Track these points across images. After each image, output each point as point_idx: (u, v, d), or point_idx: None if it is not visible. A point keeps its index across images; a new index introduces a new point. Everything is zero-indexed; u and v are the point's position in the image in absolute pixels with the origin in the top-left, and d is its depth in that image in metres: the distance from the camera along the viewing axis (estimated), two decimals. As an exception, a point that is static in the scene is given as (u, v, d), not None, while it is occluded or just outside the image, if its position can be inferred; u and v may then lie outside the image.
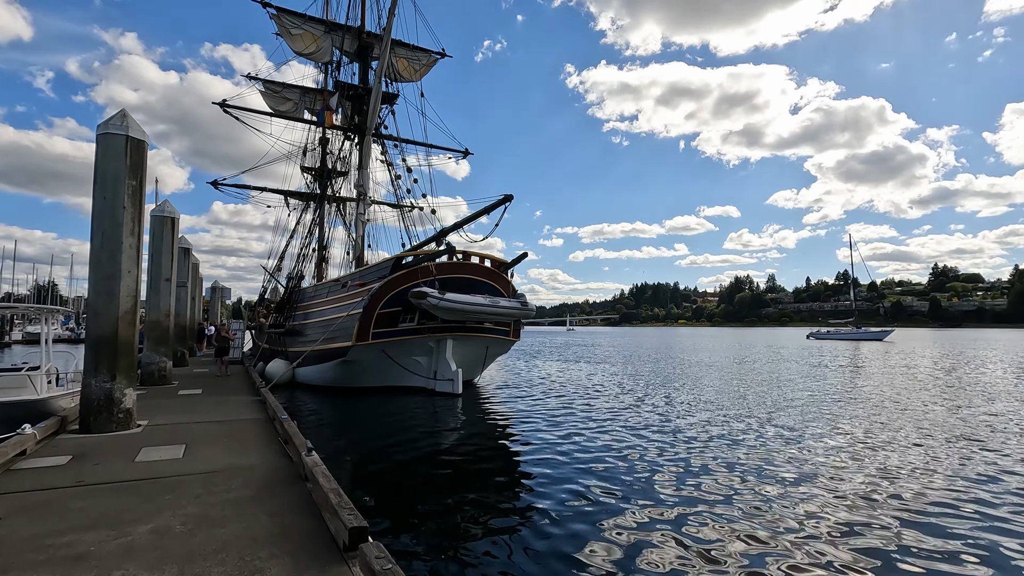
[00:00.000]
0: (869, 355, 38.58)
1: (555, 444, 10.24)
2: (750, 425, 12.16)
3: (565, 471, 8.34)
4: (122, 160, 8.63)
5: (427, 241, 16.57)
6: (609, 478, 7.97)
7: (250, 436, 8.14)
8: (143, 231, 9.02)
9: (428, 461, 9.24)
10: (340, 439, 11.63)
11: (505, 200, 14.18)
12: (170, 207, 15.29)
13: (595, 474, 8.18)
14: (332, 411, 15.05)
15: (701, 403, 15.26)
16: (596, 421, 12.67)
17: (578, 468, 8.51)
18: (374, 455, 9.84)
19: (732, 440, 10.71)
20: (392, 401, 15.85)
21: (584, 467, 8.58)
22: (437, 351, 16.33)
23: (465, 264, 15.83)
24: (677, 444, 10.30)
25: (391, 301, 15.05)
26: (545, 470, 8.43)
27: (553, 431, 11.47)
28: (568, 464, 8.77)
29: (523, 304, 15.45)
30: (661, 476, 8.10)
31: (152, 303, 14.95)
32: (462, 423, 13.08)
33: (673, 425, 12.21)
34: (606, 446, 10.06)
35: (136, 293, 8.81)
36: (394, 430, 12.08)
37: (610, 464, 8.76)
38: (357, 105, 24.63)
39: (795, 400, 15.88)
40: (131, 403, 8.60)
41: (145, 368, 14.69)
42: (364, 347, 15.26)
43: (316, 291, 19.62)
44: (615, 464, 8.76)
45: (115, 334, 8.45)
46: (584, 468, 8.51)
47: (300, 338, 19.26)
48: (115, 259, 8.51)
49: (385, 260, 15.88)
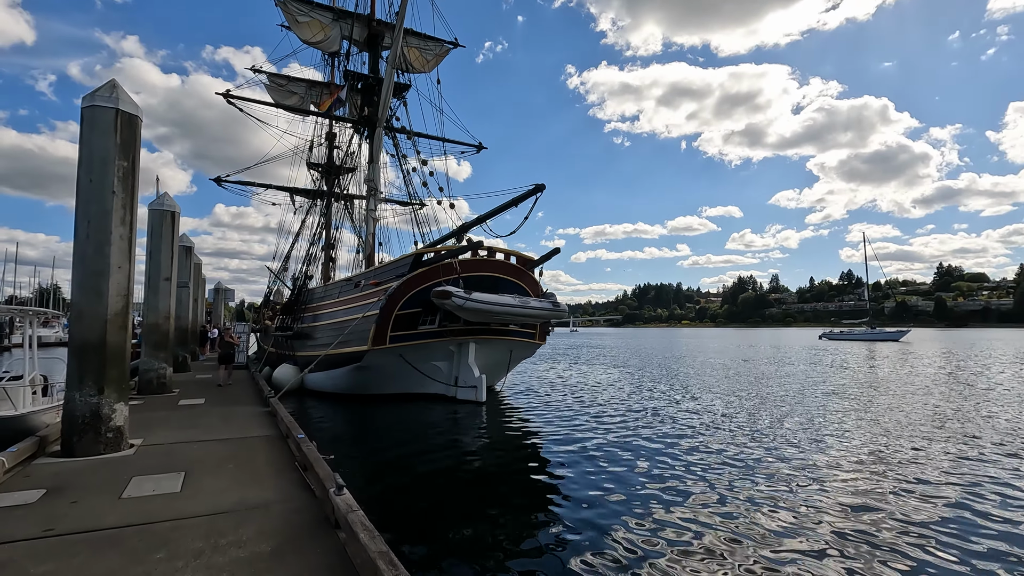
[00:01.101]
0: (892, 357, 37.20)
1: (588, 457, 9.39)
2: (792, 435, 11.07)
3: (600, 487, 7.66)
4: (111, 137, 7.41)
5: (447, 237, 15.34)
6: (645, 494, 7.31)
7: (261, 459, 6.90)
8: (136, 220, 7.80)
9: (451, 475, 8.53)
10: (355, 450, 10.60)
11: (536, 190, 12.93)
12: (170, 200, 14.09)
13: (630, 490, 7.55)
14: (345, 421, 13.84)
15: (732, 409, 14.00)
16: (626, 430, 11.66)
17: (612, 484, 7.83)
18: (392, 468, 8.98)
19: (772, 451, 9.78)
20: (410, 409, 14.63)
21: (618, 482, 7.93)
22: (458, 355, 15.10)
23: (490, 261, 14.58)
24: (713, 457, 9.45)
25: (410, 301, 13.81)
26: (579, 487, 7.72)
27: (583, 442, 10.59)
28: (602, 479, 8.04)
29: (554, 304, 14.19)
30: (698, 492, 7.36)
31: (150, 304, 13.75)
32: (486, 433, 11.96)
33: (706, 436, 11.19)
34: (640, 459, 9.24)
35: (128, 292, 7.59)
36: (413, 441, 11.06)
37: (644, 479, 8.05)
38: (367, 96, 23.43)
39: (836, 410, 14.60)
40: (122, 420, 7.38)
41: (143, 376, 13.49)
42: (381, 351, 14.03)
43: (326, 292, 18.40)
44: (650, 479, 8.06)
45: (103, 340, 7.22)
46: (618, 483, 7.88)
47: (309, 341, 18.05)
48: (103, 252, 7.28)
49: (403, 257, 14.65)
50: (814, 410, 14.24)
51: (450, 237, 15.28)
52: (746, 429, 11.72)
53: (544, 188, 12.88)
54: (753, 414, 13.65)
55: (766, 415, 13.49)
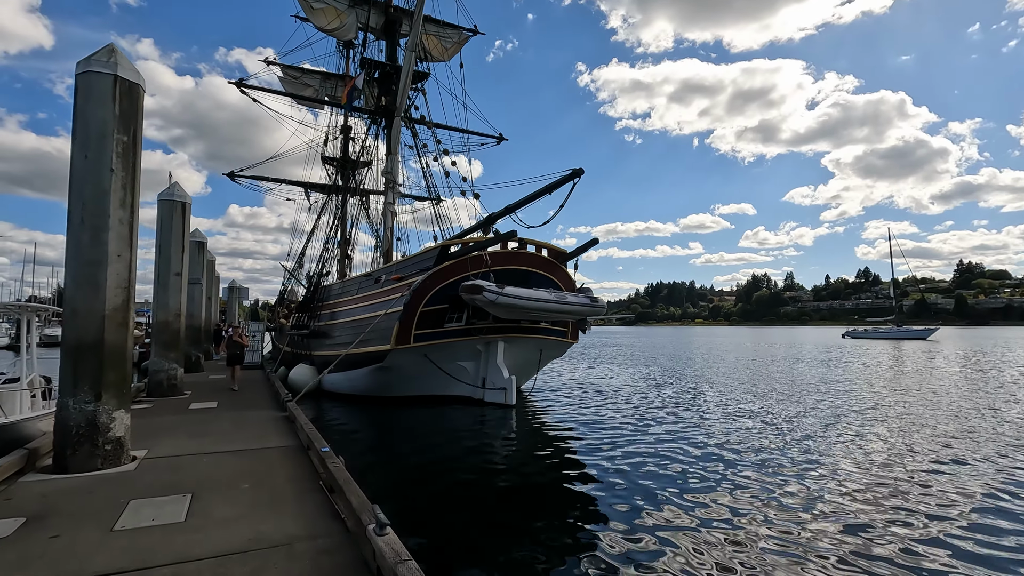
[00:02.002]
0: (930, 357, 35.62)
1: (628, 469, 8.56)
2: (853, 449, 9.91)
3: (643, 504, 6.97)
4: (109, 107, 6.50)
5: (473, 228, 14.35)
6: (693, 514, 6.57)
7: (280, 476, 5.96)
8: (138, 203, 6.89)
9: (481, 487, 7.90)
10: (376, 456, 9.82)
11: (574, 175, 11.87)
12: (180, 190, 13.24)
13: (672, 503, 6.94)
14: (365, 424, 12.94)
15: (775, 417, 12.85)
16: (666, 439, 10.70)
17: (655, 500, 7.10)
18: (416, 477, 8.34)
19: (827, 464, 8.77)
20: (434, 413, 13.69)
21: (659, 494, 7.30)
22: (486, 355, 14.11)
23: (520, 254, 13.56)
24: (753, 466, 8.63)
25: (436, 297, 12.85)
26: (617, 500, 7.11)
27: (621, 452, 9.76)
28: (642, 495, 7.31)
29: (592, 300, 13.13)
30: (750, 518, 6.48)
31: (160, 301, 12.92)
32: (517, 440, 11.04)
33: (746, 441, 10.31)
34: (682, 473, 8.39)
35: (129, 284, 6.68)
36: (438, 447, 10.28)
37: (688, 495, 7.27)
38: (384, 86, 22.53)
39: (887, 414, 13.41)
40: (122, 430, 6.48)
41: (152, 377, 12.68)
42: (404, 351, 13.08)
43: (344, 288, 17.50)
44: (693, 495, 7.30)
45: (100, 339, 6.32)
46: (659, 496, 7.24)
47: (326, 340, 17.17)
48: (100, 239, 6.38)
49: (428, 249, 13.69)
50: (873, 420, 13.06)
51: (476, 229, 14.29)
52: (794, 439, 10.60)
53: (583, 173, 11.83)
54: (799, 422, 12.51)
55: (814, 422, 12.35)
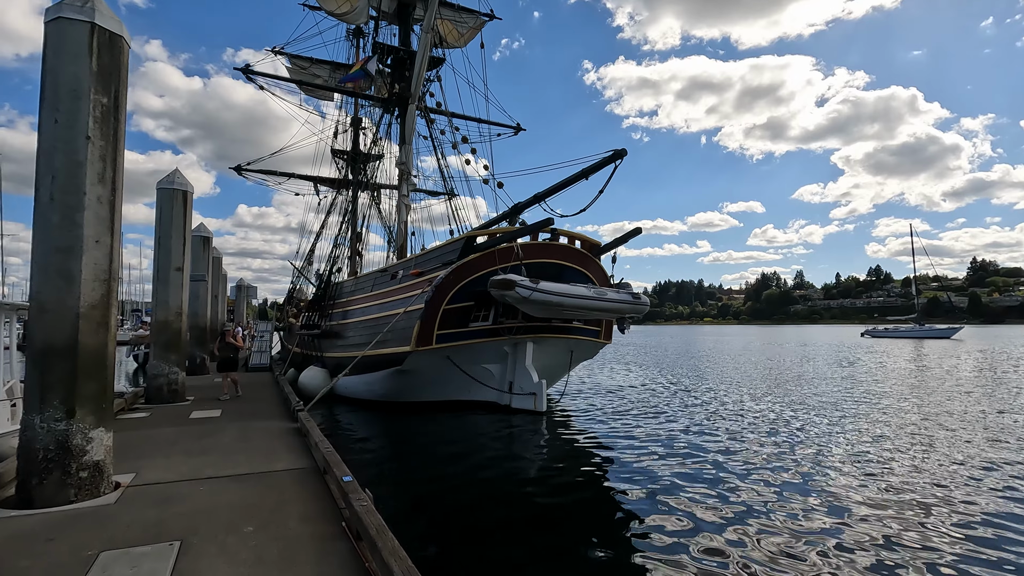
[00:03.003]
0: (964, 358, 34.06)
1: (675, 485, 7.72)
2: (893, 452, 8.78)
3: (691, 520, 6.37)
4: (84, 61, 5.36)
5: (497, 219, 13.15)
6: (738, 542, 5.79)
7: (293, 515, 4.79)
8: (122, 179, 5.75)
9: (512, 505, 7.12)
10: (393, 468, 8.96)
11: (615, 157, 10.64)
12: (181, 178, 12.15)
13: (725, 522, 6.30)
14: (381, 433, 11.84)
15: (822, 429, 11.58)
16: (709, 448, 9.76)
17: (711, 525, 6.27)
18: (439, 494, 7.51)
19: (894, 488, 7.58)
20: (457, 420, 12.55)
21: (711, 514, 6.58)
22: (513, 357, 12.92)
23: (552, 246, 12.36)
24: (810, 489, 7.56)
25: (460, 294, 11.67)
26: (668, 521, 6.37)
27: (664, 460, 8.98)
28: (695, 516, 6.53)
29: (634, 296, 11.90)
30: (800, 537, 5.89)
31: (160, 299, 11.84)
32: (549, 452, 9.97)
33: (797, 457, 9.21)
34: (731, 486, 7.64)
35: (110, 276, 5.54)
36: (462, 459, 9.35)
37: (741, 516, 6.50)
38: (398, 72, 21.40)
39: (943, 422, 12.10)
40: (102, 452, 5.34)
41: (151, 382, 11.61)
42: (426, 353, 11.91)
43: (357, 285, 16.37)
44: (745, 514, 6.54)
45: (74, 342, 5.19)
46: (711, 515, 6.53)
47: (338, 341, 16.06)
48: (73, 221, 5.25)
49: (451, 241, 12.50)
50: (929, 431, 11.76)
51: (501, 220, 13.10)
52: (855, 456, 9.36)
53: (625, 154, 10.59)
54: (847, 432, 11.25)
55: (861, 432, 11.07)
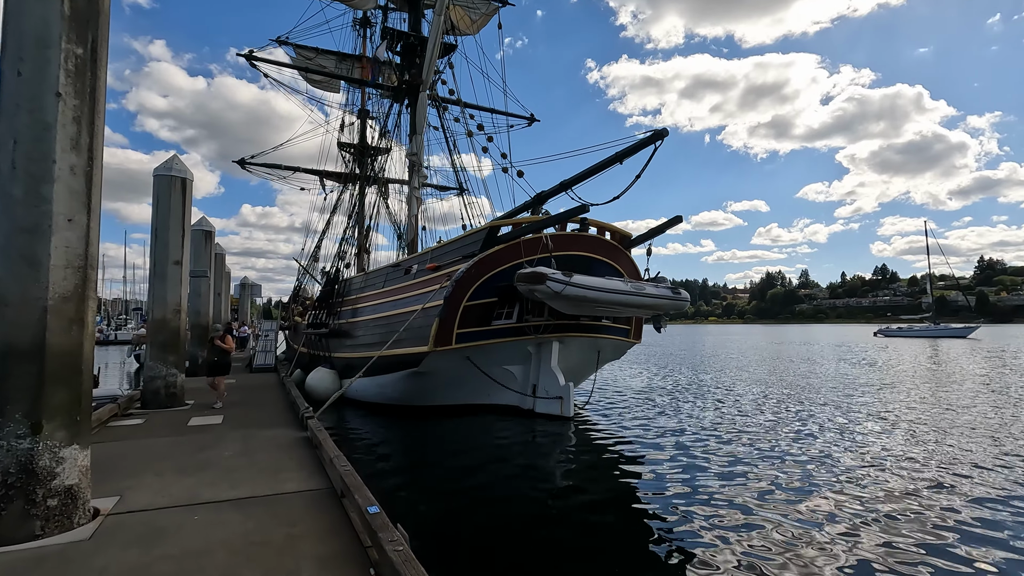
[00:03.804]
0: (992, 358, 32.92)
1: (716, 499, 6.93)
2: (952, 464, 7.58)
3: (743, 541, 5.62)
4: (54, 4, 4.44)
5: (520, 208, 12.20)
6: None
7: (307, 557, 3.85)
8: (102, 148, 4.83)
9: (540, 524, 6.20)
10: (409, 481, 8.07)
11: (656, 137, 9.68)
12: (180, 164, 11.25)
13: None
14: (394, 440, 10.99)
15: (865, 430, 10.63)
16: (752, 455, 8.87)
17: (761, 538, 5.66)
18: (461, 511, 6.72)
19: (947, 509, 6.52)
20: (476, 426, 11.63)
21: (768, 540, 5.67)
22: (537, 358, 11.97)
23: (581, 237, 11.40)
24: (866, 499, 6.79)
25: (482, 289, 10.74)
26: (717, 554, 5.39)
27: (703, 471, 8.14)
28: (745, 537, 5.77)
29: (674, 292, 10.93)
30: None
31: (157, 295, 10.94)
32: (577, 461, 9.03)
33: (845, 465, 8.38)
34: (784, 506, 6.70)
35: (87, 263, 4.63)
36: (483, 470, 8.51)
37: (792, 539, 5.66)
38: (408, 59, 20.47)
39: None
40: (76, 475, 4.42)
41: (147, 385, 10.73)
42: (444, 354, 10.98)
43: (367, 281, 15.45)
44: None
45: (41, 342, 4.28)
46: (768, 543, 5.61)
47: (347, 340, 15.16)
48: (40, 195, 4.33)
49: (472, 232, 11.55)
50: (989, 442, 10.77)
51: (523, 210, 12.16)
52: (902, 467, 8.38)
53: (667, 134, 9.62)
54: (899, 443, 10.26)
55: (917, 443, 10.09)
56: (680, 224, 11.55)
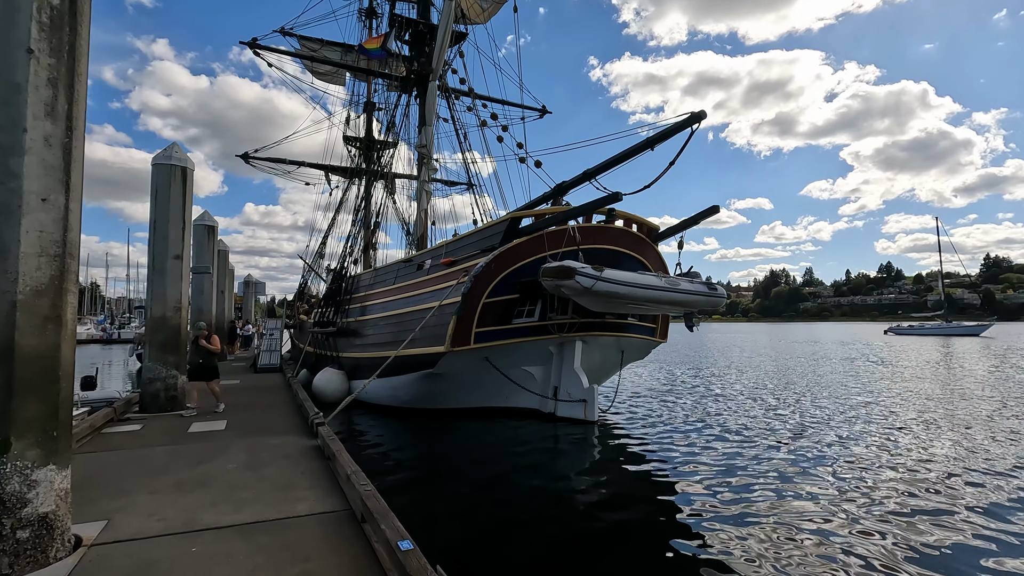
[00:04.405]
0: (1010, 357, 32.09)
1: (754, 513, 6.32)
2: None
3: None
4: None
5: (540, 200, 11.51)
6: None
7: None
8: (83, 115, 4.15)
9: (568, 543, 5.70)
10: (425, 493, 7.30)
11: (693, 120, 8.95)
12: (180, 152, 10.57)
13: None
14: (406, 445, 10.35)
15: (903, 432, 9.89)
16: (787, 462, 7.83)
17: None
18: (485, 527, 6.22)
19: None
20: (492, 431, 10.97)
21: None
22: (559, 358, 11.28)
23: (608, 229, 10.68)
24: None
25: (503, 285, 10.04)
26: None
27: (750, 485, 7.41)
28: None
29: (711, 288, 10.21)
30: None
31: (156, 291, 10.26)
32: (604, 470, 8.41)
33: (894, 479, 7.51)
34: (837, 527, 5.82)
35: (65, 250, 3.95)
36: (504, 480, 7.89)
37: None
38: (417, 48, 19.78)
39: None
40: (53, 501, 3.74)
41: (146, 387, 10.07)
42: (462, 354, 10.28)
43: (376, 277, 14.77)
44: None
45: (8, 343, 3.60)
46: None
47: (356, 340, 14.49)
48: (8, 170, 3.65)
49: (491, 224, 10.84)
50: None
51: (542, 201, 11.46)
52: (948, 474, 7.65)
53: (704, 116, 8.88)
54: (939, 445, 9.53)
55: (959, 444, 9.36)
56: (717, 215, 10.79)
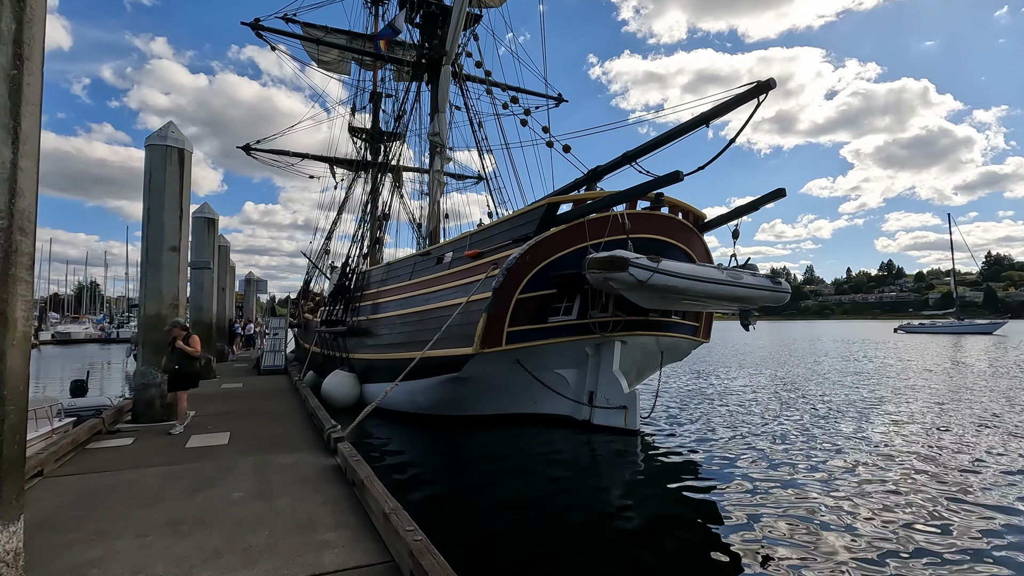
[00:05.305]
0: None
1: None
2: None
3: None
4: None
5: (574, 185, 10.45)
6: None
7: None
8: (39, 55, 3.10)
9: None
10: (456, 517, 6.11)
11: (760, 90, 7.89)
12: (177, 133, 9.52)
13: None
14: (426, 456, 9.40)
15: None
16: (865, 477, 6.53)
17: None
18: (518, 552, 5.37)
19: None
20: (520, 440, 9.94)
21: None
22: (595, 360, 10.23)
23: (655, 216, 9.62)
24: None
25: (538, 279, 8.99)
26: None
27: (819, 504, 6.21)
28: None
29: (775, 283, 9.16)
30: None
31: (150, 287, 9.23)
32: (649, 487, 7.44)
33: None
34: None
35: (12, 225, 2.90)
36: (537, 499, 6.95)
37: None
38: (429, 30, 18.69)
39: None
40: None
41: (139, 394, 9.06)
42: (492, 356, 9.23)
43: (390, 272, 13.71)
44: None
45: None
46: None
47: (368, 340, 13.44)
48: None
49: (526, 210, 9.75)
50: None
51: (574, 188, 10.41)
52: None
53: (774, 86, 7.82)
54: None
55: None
56: (783, 198, 9.73)
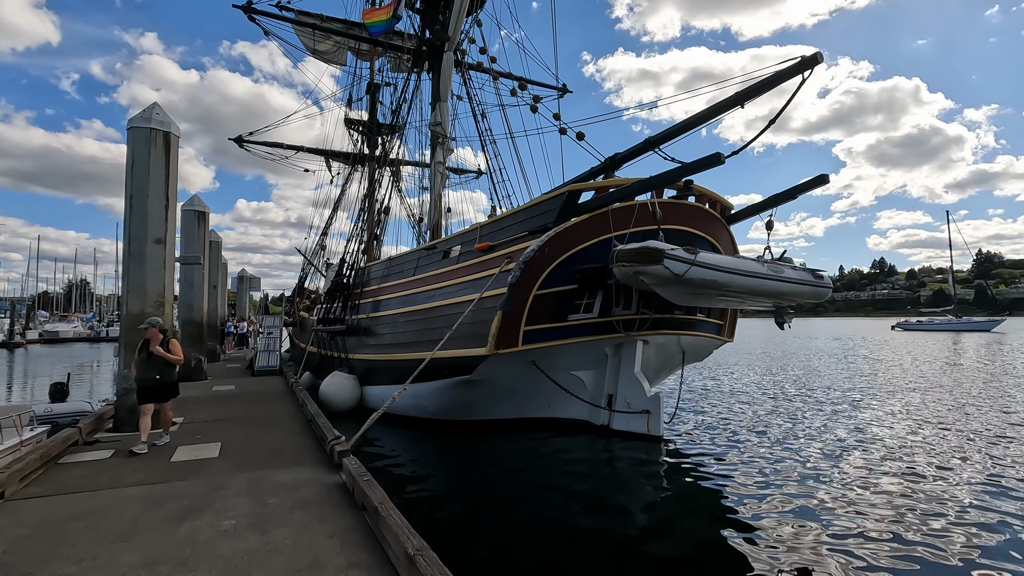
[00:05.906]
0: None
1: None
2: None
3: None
4: None
5: (591, 174, 9.73)
6: None
7: None
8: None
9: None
10: (474, 541, 5.25)
11: (804, 66, 7.16)
12: (162, 114, 8.73)
13: None
14: (433, 466, 8.65)
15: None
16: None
17: None
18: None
19: None
20: (534, 447, 9.23)
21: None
22: (615, 361, 9.53)
23: (683, 205, 8.93)
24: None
25: (557, 273, 8.26)
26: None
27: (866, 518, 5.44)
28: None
29: (816, 277, 8.49)
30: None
31: (133, 282, 8.43)
32: (676, 502, 6.80)
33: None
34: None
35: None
36: (557, 517, 6.19)
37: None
38: (430, 16, 17.88)
39: None
40: None
41: (121, 400, 8.31)
42: (507, 357, 8.49)
43: (391, 267, 12.94)
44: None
45: None
46: None
47: (369, 340, 12.67)
48: None
49: (543, 199, 8.98)
50: None
51: (593, 175, 9.70)
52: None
53: (820, 60, 7.12)
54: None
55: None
56: (825, 185, 9.04)
